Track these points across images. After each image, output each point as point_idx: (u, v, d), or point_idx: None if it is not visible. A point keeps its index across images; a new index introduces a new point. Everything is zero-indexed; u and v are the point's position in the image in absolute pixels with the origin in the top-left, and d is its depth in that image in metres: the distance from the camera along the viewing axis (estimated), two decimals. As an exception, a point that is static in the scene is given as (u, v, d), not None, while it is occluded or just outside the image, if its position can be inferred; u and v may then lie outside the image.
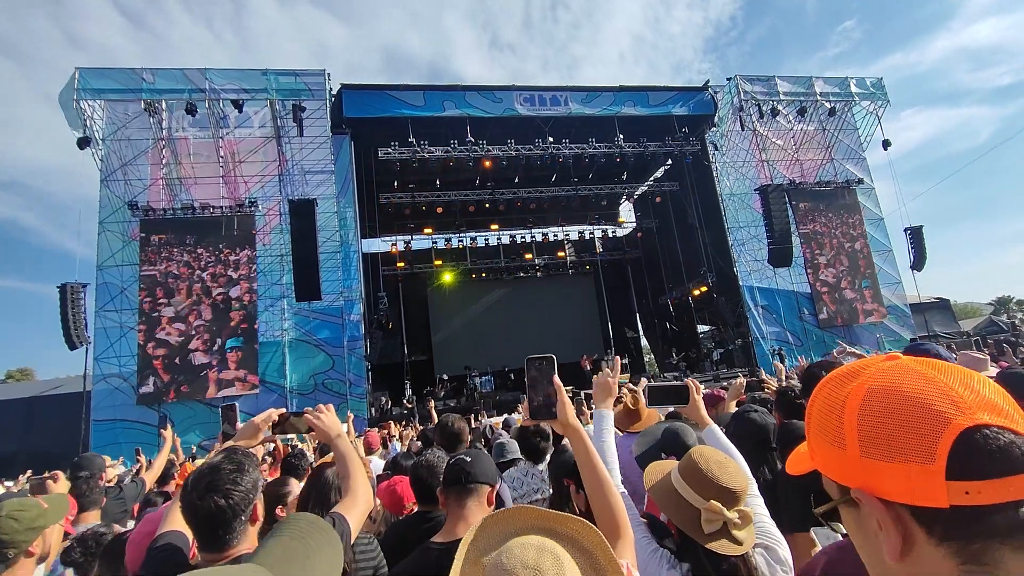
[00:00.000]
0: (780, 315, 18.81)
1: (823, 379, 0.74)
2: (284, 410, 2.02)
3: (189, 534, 1.58)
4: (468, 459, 1.87)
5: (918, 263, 19.75)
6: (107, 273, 14.49)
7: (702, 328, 23.96)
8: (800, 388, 2.63)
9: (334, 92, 17.17)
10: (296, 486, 2.55)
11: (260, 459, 3.68)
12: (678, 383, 1.97)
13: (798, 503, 1.66)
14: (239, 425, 2.44)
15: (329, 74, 16.85)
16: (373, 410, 15.70)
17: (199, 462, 6.44)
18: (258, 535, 1.53)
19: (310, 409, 1.90)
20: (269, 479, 2.67)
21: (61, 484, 3.13)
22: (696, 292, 22.22)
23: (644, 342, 27.54)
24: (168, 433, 3.76)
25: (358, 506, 1.64)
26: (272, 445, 3.83)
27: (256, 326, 15.09)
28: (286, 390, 14.81)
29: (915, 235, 19.71)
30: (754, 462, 2.11)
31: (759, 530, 1.46)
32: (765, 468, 2.08)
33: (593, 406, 1.88)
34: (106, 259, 14.56)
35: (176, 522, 1.60)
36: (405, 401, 17.31)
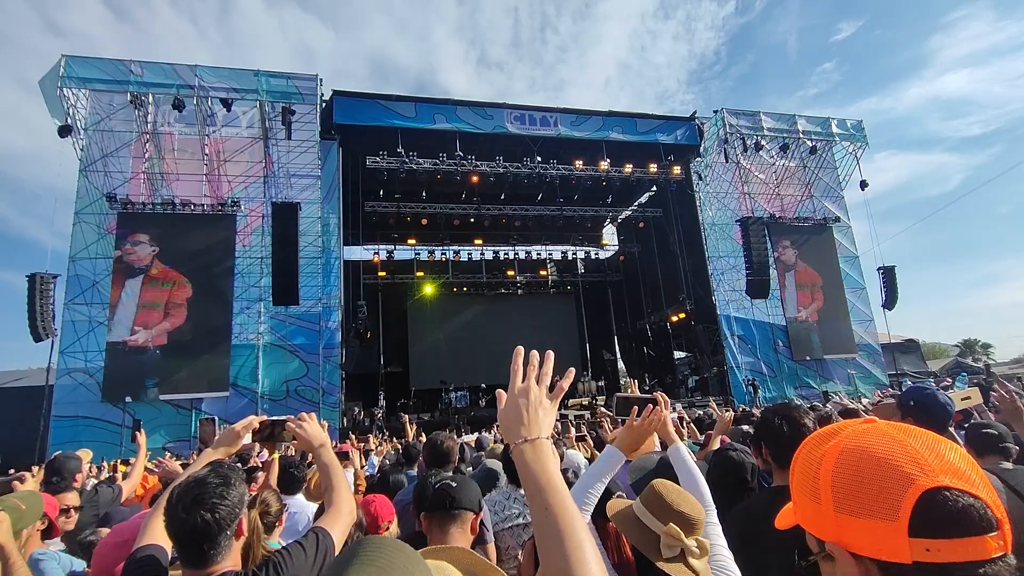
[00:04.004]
0: (755, 346, 19.03)
1: (805, 439, 0.80)
2: (265, 417, 1.93)
3: (168, 547, 1.53)
4: (454, 484, 1.81)
5: (890, 302, 20.16)
6: (80, 265, 14.13)
7: (679, 354, 24.14)
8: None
9: (325, 97, 17.17)
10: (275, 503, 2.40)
11: (251, 470, 3.57)
12: (647, 395, 1.94)
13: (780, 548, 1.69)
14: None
15: (321, 79, 16.86)
16: (345, 420, 15.46)
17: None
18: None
19: (292, 417, 1.84)
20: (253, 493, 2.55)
21: (29, 485, 3.03)
22: (674, 318, 22.43)
23: (621, 365, 27.63)
24: (142, 438, 3.65)
25: (342, 519, 1.59)
26: (265, 453, 3.66)
27: (230, 328, 14.84)
28: (257, 395, 14.52)
29: (888, 275, 20.14)
30: (734, 499, 2.12)
31: (716, 564, 1.48)
32: None
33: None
34: (79, 251, 14.21)
35: (155, 535, 1.53)
36: (378, 414, 16.99)
